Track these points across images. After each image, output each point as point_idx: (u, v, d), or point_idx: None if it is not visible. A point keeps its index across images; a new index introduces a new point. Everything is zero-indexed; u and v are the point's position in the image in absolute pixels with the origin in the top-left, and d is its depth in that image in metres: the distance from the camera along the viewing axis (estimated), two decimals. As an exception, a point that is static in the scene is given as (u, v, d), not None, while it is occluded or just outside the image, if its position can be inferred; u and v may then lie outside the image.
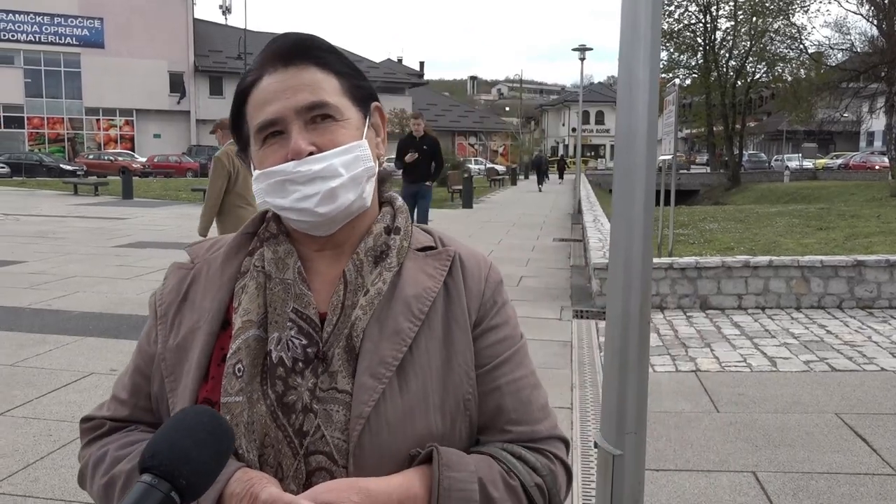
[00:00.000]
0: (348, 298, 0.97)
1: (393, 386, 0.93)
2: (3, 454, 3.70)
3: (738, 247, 9.58)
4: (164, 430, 0.76)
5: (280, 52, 0.97)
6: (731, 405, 4.63)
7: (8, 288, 7.99)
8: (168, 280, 1.06)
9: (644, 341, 1.92)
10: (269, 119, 0.95)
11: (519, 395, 1.02)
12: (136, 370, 1.05)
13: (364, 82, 1.04)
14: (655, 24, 1.81)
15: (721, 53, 37.67)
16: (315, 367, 0.94)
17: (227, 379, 0.93)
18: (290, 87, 0.95)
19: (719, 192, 36.55)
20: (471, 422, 0.99)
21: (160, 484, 0.69)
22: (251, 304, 0.96)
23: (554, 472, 1.01)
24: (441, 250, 1.05)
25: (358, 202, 0.97)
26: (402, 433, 0.92)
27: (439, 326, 0.99)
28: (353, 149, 0.96)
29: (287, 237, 1.02)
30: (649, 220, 1.87)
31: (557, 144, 76.46)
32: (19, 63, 47.15)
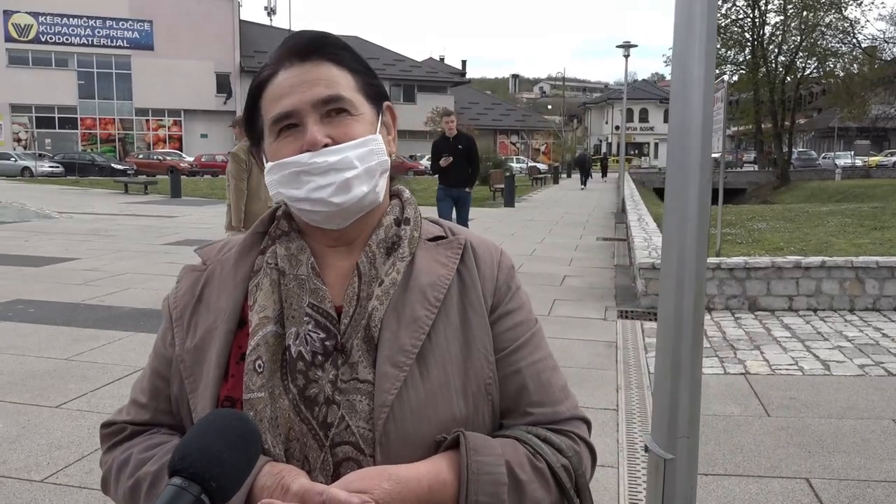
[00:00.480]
0: (363, 290, 0.98)
1: (414, 373, 0.94)
2: (60, 446, 3.81)
3: (787, 247, 9.34)
4: (194, 432, 0.76)
5: (296, 48, 0.99)
6: (782, 409, 4.52)
7: (64, 284, 8.23)
8: (181, 283, 1.07)
9: (697, 342, 1.88)
10: (285, 111, 0.97)
11: (539, 377, 1.03)
12: (153, 373, 1.05)
13: (376, 81, 1.06)
14: (711, 19, 1.77)
15: (770, 49, 36.80)
16: (335, 360, 0.95)
17: (248, 376, 0.94)
18: (306, 81, 0.97)
19: (767, 191, 35.74)
20: (493, 406, 1.00)
21: (190, 486, 0.70)
22: (267, 301, 0.98)
23: (579, 453, 1.02)
24: (451, 239, 1.06)
25: (371, 195, 0.99)
26: (427, 419, 0.93)
27: (456, 313, 1.00)
28: (367, 142, 0.98)
29: (299, 234, 1.03)
30: (704, 217, 1.84)
31: (600, 143, 75.68)
32: (73, 66, 48.60)
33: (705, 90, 1.77)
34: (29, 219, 15.68)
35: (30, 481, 3.41)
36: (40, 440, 3.88)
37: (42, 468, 3.54)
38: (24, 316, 6.65)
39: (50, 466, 3.57)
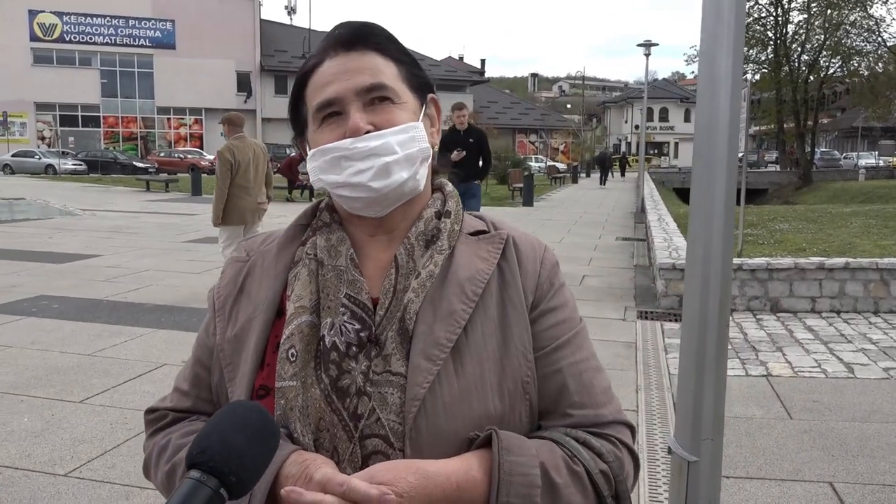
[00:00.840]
0: (400, 282, 0.97)
1: (448, 368, 0.92)
2: (83, 440, 3.85)
3: (810, 248, 9.22)
4: (213, 425, 0.75)
5: (341, 38, 1.00)
6: (805, 412, 4.46)
7: (87, 280, 8.33)
8: (225, 274, 1.09)
9: (722, 343, 1.85)
10: (329, 98, 0.97)
11: (581, 377, 1.00)
12: (196, 362, 1.07)
13: (421, 72, 1.05)
14: (739, 14, 1.74)
15: (793, 47, 36.35)
16: (368, 351, 0.94)
17: (280, 364, 0.95)
18: (349, 70, 0.97)
19: (789, 192, 35.33)
20: (531, 405, 0.98)
21: (208, 480, 0.69)
22: (304, 291, 0.98)
23: (620, 459, 0.98)
24: (494, 234, 1.04)
25: (411, 182, 0.98)
26: (460, 415, 0.91)
27: (494, 308, 0.98)
28: (409, 129, 0.98)
29: (340, 225, 1.03)
30: (730, 216, 1.81)
31: (620, 142, 75.25)
32: (96, 64, 49.15)
33: (733, 87, 1.75)
34: (52, 216, 15.89)
35: (54, 475, 3.45)
36: (64, 435, 3.92)
37: (66, 462, 3.59)
38: (48, 311, 6.73)
39: (73, 461, 3.60)
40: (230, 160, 6.85)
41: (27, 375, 4.89)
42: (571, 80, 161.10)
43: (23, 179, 30.46)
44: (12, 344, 5.62)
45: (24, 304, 6.98)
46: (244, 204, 6.96)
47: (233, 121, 7.24)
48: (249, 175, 7.05)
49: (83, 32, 48.40)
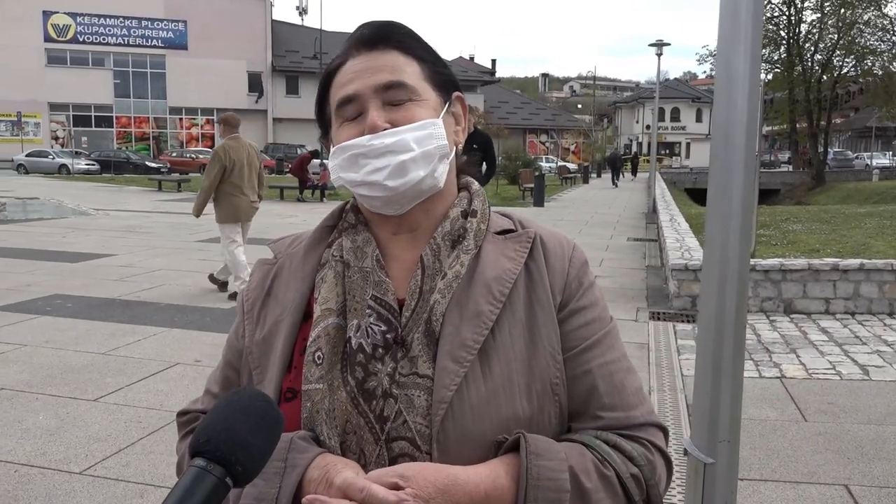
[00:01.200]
0: (426, 283, 0.96)
1: (475, 369, 0.91)
2: (98, 438, 3.88)
3: (824, 249, 9.16)
4: (218, 413, 0.74)
5: (363, 37, 1.00)
6: (819, 414, 4.43)
7: (101, 280, 8.38)
8: (253, 276, 1.09)
9: (739, 345, 1.84)
10: (348, 95, 0.97)
11: (611, 378, 0.98)
12: (226, 365, 1.08)
13: (446, 70, 1.04)
14: (756, 14, 1.74)
15: (806, 47, 36.11)
16: (394, 353, 0.93)
17: (307, 367, 0.94)
18: (370, 68, 0.97)
19: (802, 192, 35.08)
20: (560, 407, 0.96)
21: (214, 468, 0.69)
22: (330, 293, 0.98)
23: (652, 462, 0.96)
24: (521, 232, 1.03)
25: (429, 180, 0.97)
26: (487, 418, 0.90)
27: (522, 308, 0.97)
28: (426, 125, 0.97)
29: (365, 226, 1.03)
30: (748, 217, 1.80)
31: (631, 142, 74.98)
32: (109, 65, 49.48)
33: (750, 87, 1.74)
34: (66, 215, 16.00)
35: (69, 473, 3.47)
36: (78, 433, 3.95)
37: (80, 460, 3.61)
38: (62, 310, 6.78)
39: (88, 459, 3.63)
40: (223, 160, 7.10)
41: (42, 374, 4.92)
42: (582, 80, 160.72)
43: (37, 179, 30.69)
44: (27, 342, 5.67)
45: (38, 303, 7.03)
46: (238, 202, 7.24)
47: (229, 121, 7.43)
48: (244, 174, 7.27)
49: (96, 33, 48.74)
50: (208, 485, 0.68)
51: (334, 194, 22.26)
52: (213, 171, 7.15)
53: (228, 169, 7.12)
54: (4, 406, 4.32)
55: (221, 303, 7.20)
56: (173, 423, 3.97)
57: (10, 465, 3.53)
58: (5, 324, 6.22)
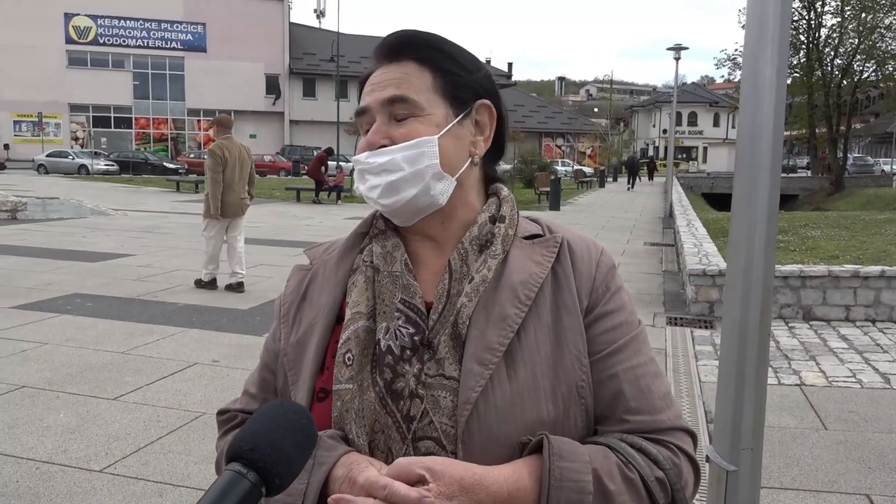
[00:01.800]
0: (454, 287, 0.98)
1: (500, 372, 0.93)
2: (118, 437, 3.91)
3: (843, 255, 9.06)
4: (264, 424, 0.76)
5: (383, 48, 1.03)
6: (840, 422, 4.39)
7: (120, 279, 8.46)
8: (290, 282, 1.12)
9: (763, 352, 1.82)
10: (360, 108, 1.03)
11: (638, 382, 0.98)
12: (263, 366, 1.11)
13: (469, 77, 1.04)
14: (784, 18, 1.72)
15: (826, 51, 35.79)
16: (421, 354, 0.95)
17: (337, 368, 0.97)
18: (381, 81, 1.00)
19: (820, 198, 34.75)
20: (586, 410, 0.97)
21: (248, 473, 0.71)
22: (360, 297, 1.00)
23: (678, 466, 0.95)
24: (548, 237, 1.04)
25: (424, 198, 0.98)
26: (512, 419, 0.91)
27: (548, 312, 0.98)
28: (419, 144, 0.98)
29: (395, 232, 1.05)
30: (773, 224, 1.79)
31: (647, 146, 74.68)
32: (129, 67, 49.98)
33: (777, 92, 1.73)
34: (85, 215, 16.16)
35: (89, 471, 3.51)
36: (98, 431, 3.99)
37: (100, 458, 3.64)
38: (82, 309, 6.85)
39: (108, 457, 3.66)
40: (220, 156, 7.56)
41: (63, 372, 4.97)
42: (599, 83, 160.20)
43: (57, 179, 31.03)
44: (48, 341, 5.73)
45: (58, 302, 7.11)
46: (229, 199, 7.65)
47: (222, 122, 7.95)
48: (235, 173, 7.70)
49: (117, 35, 49.24)
50: (243, 490, 0.70)
51: (350, 197, 22.33)
52: (214, 168, 7.58)
53: (223, 166, 7.57)
54: (26, 404, 4.36)
55: (239, 304, 7.24)
56: (192, 422, 3.99)
57: (31, 463, 3.57)
58: (27, 322, 6.29)
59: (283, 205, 20.83)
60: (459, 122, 1.02)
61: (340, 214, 18.00)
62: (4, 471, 3.48)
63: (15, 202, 15.33)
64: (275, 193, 24.32)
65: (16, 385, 4.68)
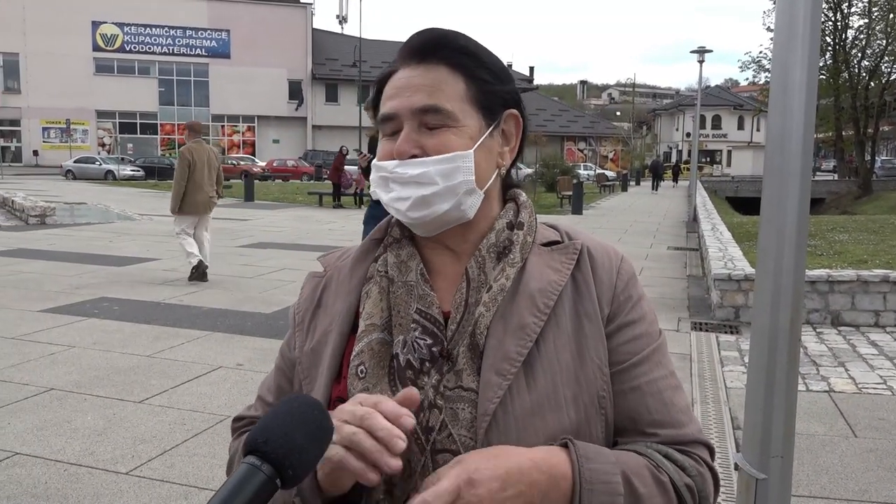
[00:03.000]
0: (471, 296, 0.96)
1: (520, 382, 0.91)
2: (143, 440, 3.95)
3: (872, 259, 8.92)
4: (278, 417, 0.76)
5: (415, 47, 0.98)
6: (870, 430, 4.31)
7: (145, 283, 8.56)
8: (304, 289, 1.10)
9: (794, 359, 1.80)
10: (387, 114, 0.97)
11: (661, 395, 0.96)
12: (279, 373, 1.10)
13: (501, 86, 1.01)
14: (815, 21, 1.70)
15: (853, 53, 35.31)
16: (440, 366, 0.93)
17: (350, 380, 0.95)
18: (411, 86, 0.96)
19: (848, 201, 34.25)
20: (606, 421, 0.95)
21: (263, 466, 0.71)
22: (374, 309, 0.98)
23: (703, 475, 0.94)
24: (567, 244, 1.01)
25: (454, 213, 0.96)
26: (532, 429, 0.89)
27: (568, 321, 0.95)
28: (454, 159, 0.94)
29: (410, 241, 1.03)
30: (803, 229, 1.76)
31: (670, 150, 74.09)
32: (154, 73, 50.68)
33: (807, 95, 1.71)
34: (112, 220, 16.38)
35: (116, 473, 3.54)
36: (125, 434, 4.03)
37: (127, 461, 3.68)
38: (108, 313, 6.93)
39: (134, 459, 3.70)
40: (188, 159, 8.28)
41: (90, 375, 5.04)
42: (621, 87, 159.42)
43: (84, 185, 31.50)
44: (75, 344, 5.81)
45: (86, 306, 7.20)
46: (198, 198, 8.37)
47: (193, 127, 8.78)
48: (203, 173, 8.43)
49: (143, 42, 49.95)
50: (258, 482, 0.71)
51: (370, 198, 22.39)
52: (181, 169, 8.36)
53: (191, 168, 8.29)
54: (54, 406, 4.43)
55: (263, 307, 7.29)
56: (216, 425, 4.02)
57: (60, 465, 3.62)
58: (55, 325, 6.39)
59: (306, 209, 20.96)
60: (490, 134, 0.99)
61: (362, 218, 18.05)
62: (34, 472, 3.53)
63: (44, 207, 15.57)
64: (297, 198, 24.49)
65: (44, 388, 4.75)
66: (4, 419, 4.19)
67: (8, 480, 3.43)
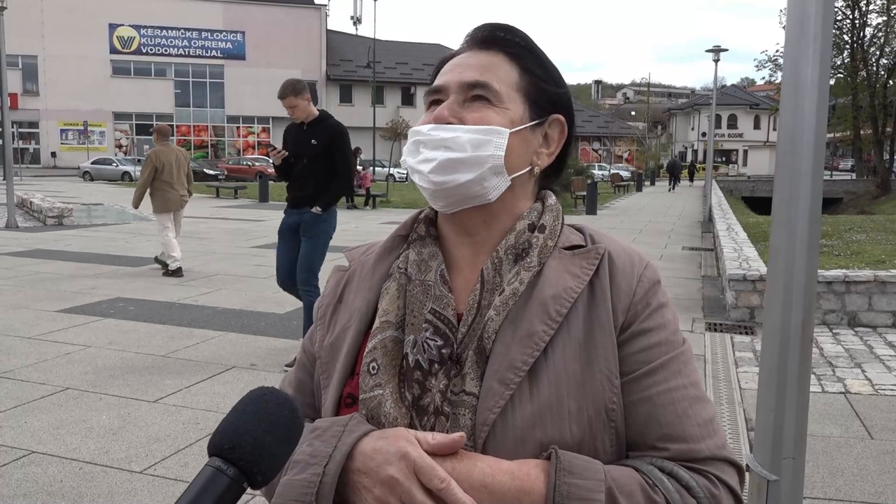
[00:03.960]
0: (485, 298, 0.93)
1: (523, 391, 0.88)
2: (158, 439, 3.98)
3: (890, 260, 8.81)
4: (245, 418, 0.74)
5: (477, 35, 1.01)
6: (887, 432, 4.26)
7: (161, 284, 8.62)
8: (328, 284, 1.10)
9: (805, 360, 1.79)
10: (436, 86, 0.99)
11: (673, 407, 0.90)
12: (300, 367, 1.09)
13: (555, 89, 1.01)
14: (826, 20, 1.68)
15: (871, 51, 34.93)
16: (448, 369, 0.92)
17: (362, 377, 0.94)
18: (465, 64, 0.97)
19: (866, 201, 33.86)
20: (617, 434, 0.90)
21: (228, 469, 0.70)
22: (390, 306, 0.97)
23: (716, 497, 0.87)
24: (590, 248, 0.97)
25: (475, 187, 0.94)
26: (531, 441, 0.86)
27: (580, 329, 0.91)
28: (489, 132, 0.94)
29: (434, 240, 1.01)
30: (815, 228, 1.75)
31: (686, 149, 73.66)
32: (170, 75, 51.06)
33: (819, 95, 1.69)
34: (128, 221, 16.52)
35: (130, 472, 3.57)
36: (139, 433, 4.06)
37: (141, 460, 3.71)
38: (124, 313, 6.99)
39: (148, 458, 3.73)
40: (154, 163, 8.90)
41: (105, 374, 5.08)
42: (636, 86, 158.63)
43: (101, 186, 31.80)
44: (91, 343, 5.86)
45: (102, 306, 7.27)
46: (169, 196, 9.04)
47: (160, 130, 9.28)
48: (172, 174, 9.04)
49: (159, 45, 50.35)
50: (222, 486, 0.69)
51: (385, 201, 22.44)
52: (146, 171, 8.97)
53: (159, 169, 8.89)
54: (70, 405, 4.47)
55: (276, 308, 7.32)
56: (231, 425, 4.00)
57: (75, 463, 3.65)
58: (72, 325, 6.45)
59: (320, 210, 21.01)
60: (532, 128, 0.98)
61: (376, 219, 18.10)
62: (49, 470, 3.56)
63: (62, 208, 15.74)
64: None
65: (61, 387, 4.80)
66: (21, 418, 4.24)
67: (24, 478, 3.47)
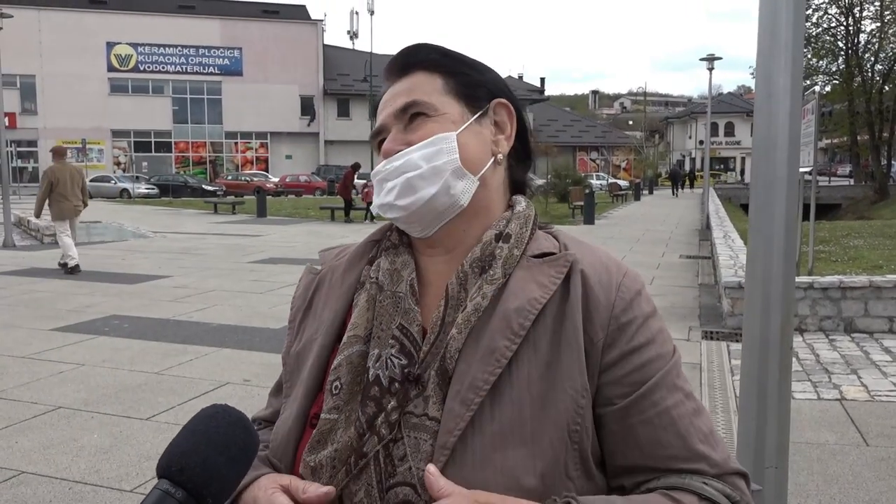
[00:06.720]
0: (449, 315, 0.89)
1: (484, 412, 0.83)
2: (149, 457, 3.96)
3: (887, 265, 8.80)
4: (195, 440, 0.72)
5: (392, 66, 1.01)
6: (882, 438, 4.24)
7: (156, 301, 8.61)
8: (300, 284, 1.07)
9: (785, 368, 1.78)
10: (376, 129, 1.00)
11: (675, 427, 0.86)
12: (282, 373, 1.06)
13: (482, 76, 1.00)
14: (797, 28, 1.69)
15: (865, 57, 35.07)
16: (407, 390, 0.87)
17: (325, 395, 0.91)
18: (392, 96, 0.98)
19: (864, 206, 33.88)
20: (581, 457, 0.85)
21: (177, 492, 0.68)
22: (360, 319, 0.94)
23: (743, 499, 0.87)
24: (559, 255, 0.91)
25: (443, 198, 0.91)
26: (490, 466, 0.82)
27: (545, 344, 0.86)
28: (436, 141, 0.93)
29: (407, 248, 0.98)
30: (791, 236, 1.75)
31: (683, 158, 73.81)
32: (168, 92, 51.20)
33: (791, 103, 1.70)
34: (126, 238, 16.53)
35: (120, 490, 3.55)
36: (131, 451, 4.04)
37: (132, 478, 3.69)
38: (119, 331, 6.98)
39: (139, 477, 3.71)
40: (50, 178, 10.55)
41: (98, 393, 5.07)
42: (633, 96, 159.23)
43: (99, 203, 31.79)
44: (85, 362, 5.85)
45: (96, 324, 7.26)
46: (64, 205, 10.67)
47: (57, 151, 11.02)
48: (67, 187, 10.66)
49: (156, 62, 50.53)
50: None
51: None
52: (43, 185, 10.73)
53: (55, 183, 10.51)
54: (62, 425, 4.45)
55: (272, 322, 7.31)
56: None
57: (65, 483, 3.63)
58: (66, 343, 6.44)
59: (318, 224, 21.04)
60: (478, 121, 0.97)
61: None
62: (39, 491, 3.54)
63: (58, 226, 15.76)
64: (309, 213, 24.60)
65: (52, 406, 4.78)
66: (12, 438, 4.22)
67: (13, 499, 3.45)
